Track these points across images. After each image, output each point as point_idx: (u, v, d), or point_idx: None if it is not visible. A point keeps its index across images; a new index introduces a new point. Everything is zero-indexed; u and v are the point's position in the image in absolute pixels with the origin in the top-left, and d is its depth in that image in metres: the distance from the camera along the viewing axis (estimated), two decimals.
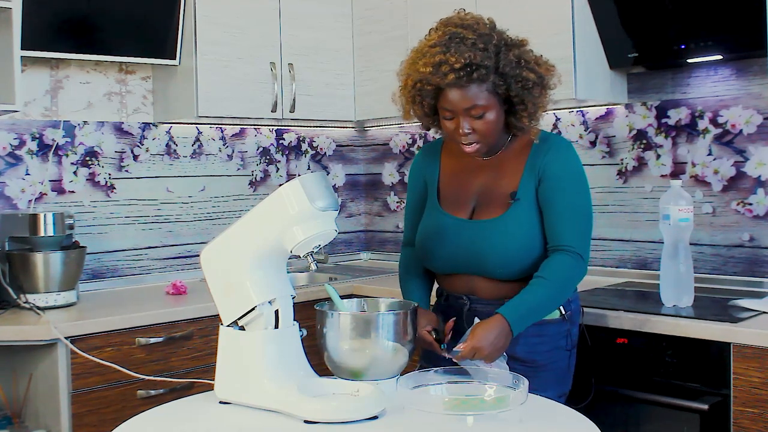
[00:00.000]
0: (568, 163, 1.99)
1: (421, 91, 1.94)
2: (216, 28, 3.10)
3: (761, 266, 2.67)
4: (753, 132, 2.68)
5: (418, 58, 1.95)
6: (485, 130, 1.93)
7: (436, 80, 1.89)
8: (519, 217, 1.96)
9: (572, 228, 1.95)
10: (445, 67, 1.87)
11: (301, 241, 1.64)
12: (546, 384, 1.93)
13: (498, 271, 1.97)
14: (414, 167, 2.22)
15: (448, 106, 1.92)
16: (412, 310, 1.80)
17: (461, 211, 2.05)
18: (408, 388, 1.60)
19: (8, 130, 2.91)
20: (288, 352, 1.72)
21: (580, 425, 1.58)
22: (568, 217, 1.95)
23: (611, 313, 2.33)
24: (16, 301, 2.63)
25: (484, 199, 2.03)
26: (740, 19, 2.42)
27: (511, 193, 1.97)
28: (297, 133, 3.75)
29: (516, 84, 1.92)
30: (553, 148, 2.00)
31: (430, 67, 1.89)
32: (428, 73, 1.90)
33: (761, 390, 2.05)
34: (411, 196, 2.21)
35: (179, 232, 3.35)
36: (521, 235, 1.95)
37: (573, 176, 1.99)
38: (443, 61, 1.88)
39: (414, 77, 1.95)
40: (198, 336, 2.68)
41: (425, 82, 1.92)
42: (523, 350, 1.98)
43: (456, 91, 1.89)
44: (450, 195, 2.09)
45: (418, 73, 1.93)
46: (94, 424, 2.44)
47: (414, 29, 3.29)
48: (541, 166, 1.97)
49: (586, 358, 2.35)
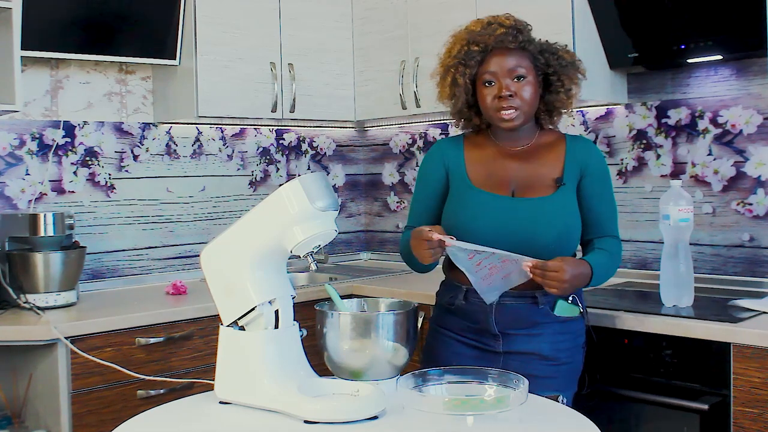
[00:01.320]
0: (603, 161, 2.14)
1: (468, 54, 2.00)
2: (216, 28, 3.10)
3: (761, 266, 2.67)
4: (753, 132, 2.68)
5: (465, 27, 2.06)
6: (527, 96, 2.01)
7: (485, 38, 1.99)
8: (567, 199, 2.03)
9: (615, 219, 2.11)
10: (494, 26, 2.00)
11: (301, 241, 1.64)
12: (567, 383, 1.95)
13: (548, 249, 1.96)
14: (432, 155, 2.18)
15: (493, 68, 2.00)
16: (412, 310, 1.80)
17: (501, 191, 2.05)
18: (408, 388, 1.60)
19: (8, 130, 2.91)
20: (288, 352, 1.72)
21: (580, 425, 1.58)
22: (613, 210, 2.11)
23: (611, 313, 2.33)
24: (16, 301, 2.63)
25: (524, 183, 2.05)
26: (740, 19, 2.42)
27: (557, 179, 2.04)
28: (297, 133, 3.75)
29: (554, 60, 2.04)
30: (589, 146, 2.13)
31: (480, 27, 2.01)
32: (478, 32, 2.00)
33: (761, 390, 2.05)
34: (426, 183, 2.17)
35: (179, 232, 3.36)
36: (572, 215, 2.03)
37: (608, 174, 2.13)
38: (492, 21, 2.01)
39: (462, 40, 2.02)
40: (198, 336, 2.68)
41: (474, 42, 2.00)
42: (548, 347, 2.01)
43: (501, 53, 1.99)
44: (483, 178, 2.08)
45: (468, 33, 2.02)
46: (94, 424, 2.44)
47: (414, 29, 3.29)
48: (583, 160, 2.07)
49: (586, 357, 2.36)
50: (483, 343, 2.06)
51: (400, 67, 3.32)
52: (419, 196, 2.19)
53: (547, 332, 2.01)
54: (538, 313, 2.01)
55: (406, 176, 3.81)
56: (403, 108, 3.32)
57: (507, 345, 2.02)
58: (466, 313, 2.03)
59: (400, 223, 3.85)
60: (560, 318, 2.03)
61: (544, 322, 2.01)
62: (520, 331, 2.02)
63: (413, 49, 3.28)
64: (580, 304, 2.06)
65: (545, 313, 2.01)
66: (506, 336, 2.02)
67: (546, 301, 2.01)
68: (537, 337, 1.97)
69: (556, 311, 2.03)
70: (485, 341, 2.05)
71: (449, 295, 2.11)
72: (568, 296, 2.03)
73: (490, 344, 2.04)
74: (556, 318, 2.03)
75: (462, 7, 3.04)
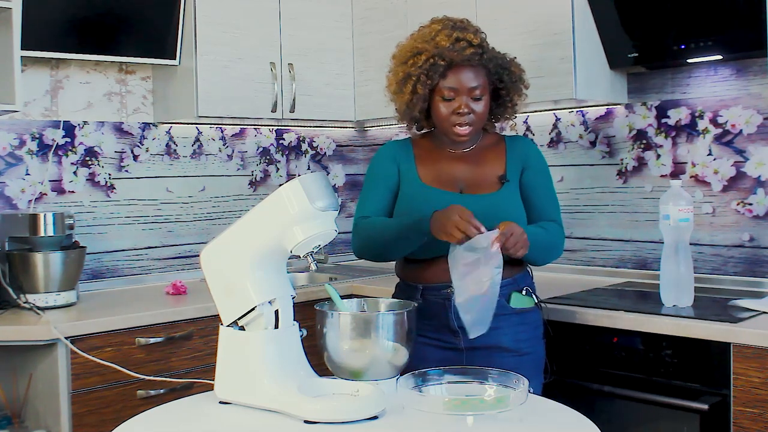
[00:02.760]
0: (540, 154, 2.23)
1: (433, 66, 2.04)
2: (216, 28, 3.10)
3: (761, 266, 2.67)
4: (753, 132, 2.68)
5: (432, 36, 2.07)
6: (481, 113, 2.10)
7: (453, 55, 2.03)
8: (512, 194, 2.12)
9: (555, 207, 2.20)
10: (463, 43, 2.04)
11: (301, 241, 1.64)
12: (531, 373, 1.94)
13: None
14: (383, 154, 2.24)
15: (454, 85, 2.06)
16: (412, 310, 1.80)
17: (450, 188, 2.13)
18: (408, 388, 1.60)
19: (8, 130, 2.91)
20: (288, 352, 1.72)
21: (580, 425, 1.58)
22: (553, 199, 2.20)
23: (611, 313, 2.33)
24: (16, 301, 2.63)
25: (471, 181, 2.14)
26: (740, 20, 2.42)
27: (500, 176, 2.14)
28: (297, 133, 3.75)
29: (506, 75, 2.14)
30: (527, 143, 2.23)
31: (449, 43, 2.04)
32: (446, 48, 2.04)
33: (761, 390, 2.05)
34: (377, 177, 2.20)
35: (179, 232, 3.36)
36: (518, 209, 2.11)
37: (545, 165, 2.23)
38: (461, 38, 2.05)
39: (430, 52, 2.05)
40: (198, 336, 2.68)
41: (441, 56, 2.03)
42: (508, 339, 2.05)
43: (466, 70, 2.06)
44: (433, 176, 2.16)
45: (436, 47, 2.05)
46: (94, 424, 2.44)
47: (414, 29, 3.28)
48: (523, 156, 2.17)
49: (584, 357, 2.36)
50: (444, 341, 2.07)
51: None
52: (372, 187, 2.21)
53: (505, 324, 2.05)
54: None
55: None
56: None
57: (468, 340, 2.01)
58: (424, 312, 2.01)
59: None
60: (516, 310, 2.09)
61: (501, 314, 2.01)
62: None
63: None
64: (534, 295, 2.14)
65: (501, 306, 2.02)
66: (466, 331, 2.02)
67: (501, 295, 1.99)
68: (496, 330, 1.97)
69: (512, 303, 2.09)
70: (446, 338, 2.07)
71: (405, 296, 2.11)
72: (522, 288, 2.11)
73: (451, 341, 2.06)
74: (513, 310, 2.09)
75: (462, 7, 3.03)
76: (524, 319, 2.10)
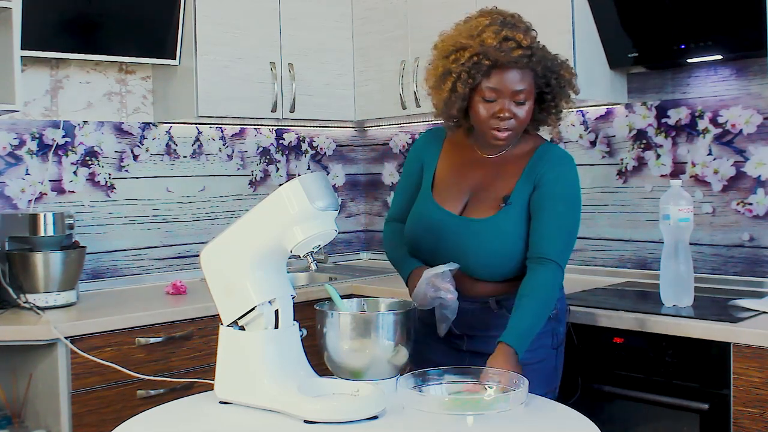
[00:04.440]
0: (563, 175, 1.98)
1: (476, 65, 1.88)
2: (216, 28, 3.10)
3: (761, 266, 2.67)
4: (753, 132, 2.68)
5: (478, 32, 1.90)
6: (523, 118, 1.94)
7: (498, 55, 1.86)
8: (508, 221, 1.96)
9: (556, 239, 1.93)
10: (511, 43, 1.87)
11: (301, 241, 1.64)
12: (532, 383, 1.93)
13: (480, 270, 1.96)
14: (415, 148, 2.19)
15: (498, 86, 1.89)
16: (412, 310, 1.80)
17: (453, 204, 2.03)
18: (408, 388, 1.60)
19: (8, 130, 2.91)
20: (288, 352, 1.72)
21: (580, 425, 1.58)
22: (555, 228, 1.93)
23: (611, 313, 2.33)
24: (16, 301, 2.63)
25: (477, 197, 2.02)
26: (740, 19, 2.42)
27: (504, 197, 1.97)
28: (297, 133, 3.75)
29: (554, 80, 1.95)
30: (553, 159, 2.00)
31: (496, 42, 1.87)
32: (493, 47, 1.87)
33: (761, 390, 2.05)
34: (406, 175, 2.19)
35: (179, 232, 3.35)
36: (507, 240, 1.95)
37: (566, 189, 1.98)
38: (510, 37, 1.87)
39: (474, 49, 1.88)
40: (198, 336, 2.68)
41: (486, 55, 1.87)
42: None
43: (512, 72, 1.89)
44: (444, 186, 2.07)
45: (482, 45, 1.88)
46: (94, 424, 2.44)
47: (414, 29, 3.29)
48: (538, 174, 1.97)
49: (584, 357, 2.36)
50: (450, 341, 2.06)
51: (400, 67, 3.32)
52: (401, 187, 2.20)
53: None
54: (493, 316, 1.99)
55: None
56: (403, 108, 3.32)
57: (471, 345, 2.01)
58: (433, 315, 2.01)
59: None
60: None
61: (500, 324, 1.94)
62: (477, 332, 2.00)
63: (413, 49, 3.28)
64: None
65: (500, 316, 1.97)
66: (469, 336, 2.02)
67: (499, 306, 1.99)
68: (496, 338, 1.94)
69: None
70: (452, 340, 2.05)
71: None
72: None
73: (456, 343, 2.04)
74: None
75: (462, 7, 3.03)
76: None
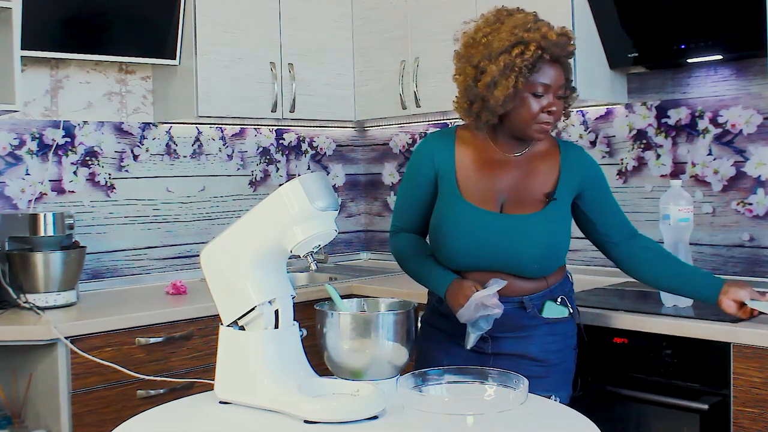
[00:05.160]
0: (599, 167, 2.11)
1: (537, 60, 1.88)
2: (216, 28, 3.10)
3: (761, 266, 2.67)
4: (753, 132, 2.68)
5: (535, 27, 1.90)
6: (560, 112, 1.97)
7: (556, 50, 1.89)
8: (557, 215, 1.99)
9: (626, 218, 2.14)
10: (565, 38, 1.91)
11: (301, 241, 1.64)
12: (558, 384, 1.93)
13: (527, 266, 1.96)
14: (422, 152, 2.08)
15: (548, 81, 1.91)
16: (412, 310, 1.80)
17: (489, 204, 1.99)
18: (408, 388, 1.60)
19: (8, 130, 2.91)
20: (288, 352, 1.72)
21: (580, 425, 1.58)
22: (621, 212, 2.13)
23: (611, 313, 2.33)
24: (16, 301, 2.63)
25: (514, 196, 2.00)
26: (740, 19, 2.42)
27: (548, 193, 1.99)
28: (297, 133, 3.75)
29: (571, 76, 2.00)
30: (582, 155, 2.09)
31: (555, 36, 1.89)
32: (553, 42, 1.88)
33: (761, 390, 2.05)
34: (414, 185, 2.09)
35: (179, 232, 3.35)
36: (559, 233, 1.99)
37: (605, 177, 2.12)
38: (563, 33, 1.91)
39: (535, 42, 1.87)
40: (198, 336, 2.68)
41: (546, 49, 1.88)
42: (537, 349, 1.99)
43: (555, 66, 1.92)
44: (473, 188, 2.01)
45: (544, 39, 1.88)
46: (94, 424, 2.44)
47: (414, 29, 3.29)
48: (581, 172, 2.03)
49: (585, 358, 2.35)
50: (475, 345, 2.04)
51: (400, 67, 3.32)
52: (408, 197, 2.11)
53: (535, 334, 1.99)
54: (525, 316, 2.00)
55: None
56: (403, 108, 3.32)
57: (495, 347, 2.01)
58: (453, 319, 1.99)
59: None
60: (548, 320, 2.02)
61: (531, 324, 1.99)
62: (507, 334, 2.00)
63: (413, 49, 3.28)
64: (569, 305, 2.05)
65: (532, 316, 2.00)
66: (494, 338, 2.01)
67: (533, 305, 2.00)
68: (525, 340, 1.94)
69: (544, 313, 2.02)
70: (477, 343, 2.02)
71: (437, 297, 2.09)
72: (557, 297, 2.03)
73: (478, 345, 2.01)
74: (545, 320, 2.02)
75: (462, 7, 3.04)
76: (555, 330, 2.01)
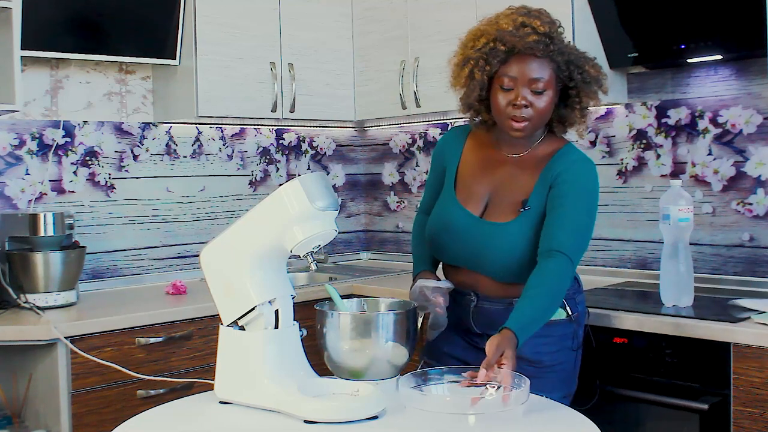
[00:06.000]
0: (581, 176, 1.97)
1: (492, 51, 1.90)
2: (216, 28, 3.10)
3: (761, 266, 2.67)
4: (753, 132, 2.68)
5: (496, 19, 1.94)
6: (540, 109, 1.93)
7: (514, 40, 1.89)
8: (527, 226, 1.95)
9: (568, 233, 1.90)
10: (527, 29, 1.89)
11: (301, 241, 1.64)
12: (552, 385, 1.92)
13: (499, 273, 1.98)
14: (439, 143, 2.20)
15: (514, 73, 1.90)
16: (412, 310, 1.80)
17: (474, 205, 2.03)
18: (408, 388, 1.60)
19: (8, 130, 2.91)
20: (288, 352, 1.72)
21: (581, 425, 1.58)
22: (568, 223, 1.91)
23: (611, 313, 2.33)
24: (16, 301, 2.63)
25: (496, 199, 2.02)
26: (740, 19, 2.42)
27: (523, 201, 1.96)
28: (297, 133, 3.75)
29: (578, 74, 1.94)
30: (571, 160, 1.98)
31: (512, 27, 1.90)
32: (508, 32, 1.89)
33: (761, 390, 2.05)
34: (432, 170, 2.21)
35: (179, 232, 3.35)
36: (526, 244, 1.94)
37: (582, 189, 1.96)
38: (526, 23, 1.90)
39: (490, 35, 1.91)
40: (198, 336, 2.68)
41: (501, 41, 1.90)
42: (529, 350, 1.96)
43: (528, 59, 1.90)
44: (466, 185, 2.07)
45: (498, 30, 1.91)
46: (94, 424, 2.44)
47: (414, 29, 3.29)
48: (554, 174, 1.96)
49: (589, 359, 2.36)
50: (470, 339, 2.07)
51: (400, 67, 3.32)
52: (429, 182, 2.22)
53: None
54: None
55: (406, 176, 3.81)
56: (403, 108, 3.32)
57: None
58: (453, 312, 2.04)
59: (400, 223, 3.85)
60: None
61: None
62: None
63: (413, 49, 3.28)
64: (567, 307, 2.03)
65: None
66: (489, 336, 2.01)
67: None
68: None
69: None
70: (472, 338, 2.07)
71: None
72: None
73: (475, 341, 2.05)
74: None
75: (462, 7, 3.04)
76: (549, 331, 1.96)
